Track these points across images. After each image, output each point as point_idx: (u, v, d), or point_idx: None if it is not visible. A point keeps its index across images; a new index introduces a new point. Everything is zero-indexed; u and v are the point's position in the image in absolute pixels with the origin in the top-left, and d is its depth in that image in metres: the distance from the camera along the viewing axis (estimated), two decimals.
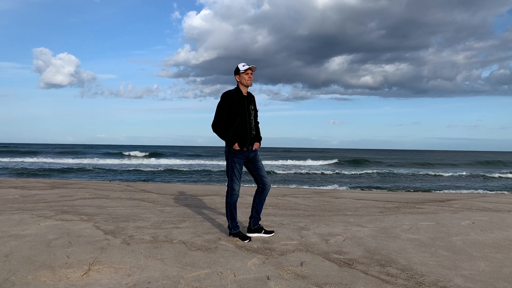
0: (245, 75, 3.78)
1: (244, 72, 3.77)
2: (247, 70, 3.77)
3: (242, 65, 3.78)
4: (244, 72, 3.77)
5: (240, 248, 3.50)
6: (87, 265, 2.92)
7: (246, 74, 3.78)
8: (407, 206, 6.64)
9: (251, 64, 3.79)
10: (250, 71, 3.79)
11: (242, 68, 3.77)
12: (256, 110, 3.98)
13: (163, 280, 2.65)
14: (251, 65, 3.78)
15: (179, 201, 6.67)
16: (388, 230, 4.43)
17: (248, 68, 3.76)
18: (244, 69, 3.76)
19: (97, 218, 4.72)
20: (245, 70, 3.77)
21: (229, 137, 3.76)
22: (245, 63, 3.80)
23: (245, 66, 3.77)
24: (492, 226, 4.81)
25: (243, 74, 3.77)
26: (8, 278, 2.62)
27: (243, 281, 2.66)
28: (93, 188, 8.62)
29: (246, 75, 3.78)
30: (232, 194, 3.84)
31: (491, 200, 8.03)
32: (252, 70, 3.80)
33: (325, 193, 8.89)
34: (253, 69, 3.80)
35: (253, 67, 3.79)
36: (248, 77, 3.78)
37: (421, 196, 8.85)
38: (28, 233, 3.84)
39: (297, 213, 5.63)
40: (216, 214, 5.31)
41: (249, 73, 3.78)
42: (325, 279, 2.74)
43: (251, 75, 3.80)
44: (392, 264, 3.13)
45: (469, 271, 2.99)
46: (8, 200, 6.39)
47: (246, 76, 3.78)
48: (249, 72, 3.79)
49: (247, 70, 3.77)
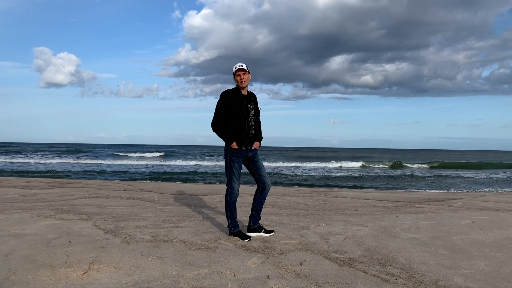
0: (236, 76, 3.75)
1: (234, 73, 3.76)
2: (237, 71, 3.73)
3: (235, 67, 3.76)
4: (234, 73, 3.76)
5: (240, 247, 3.50)
6: (87, 264, 2.92)
7: (237, 76, 3.75)
8: (407, 205, 6.65)
9: (252, 65, 3.78)
10: (242, 72, 3.73)
11: (233, 69, 3.76)
12: (257, 109, 3.94)
13: (163, 279, 2.65)
14: (242, 65, 3.73)
15: (179, 200, 6.67)
16: (388, 229, 4.43)
17: (237, 69, 3.73)
18: (234, 71, 3.75)
19: (97, 217, 4.72)
20: (235, 72, 3.75)
21: (227, 136, 3.75)
22: (242, 63, 3.76)
23: (236, 67, 3.74)
24: (492, 225, 4.81)
25: (235, 75, 3.76)
26: (8, 278, 2.62)
27: (243, 280, 2.66)
28: (93, 187, 8.62)
29: (238, 77, 3.74)
30: (232, 193, 3.83)
31: (491, 199, 8.04)
32: (241, 71, 3.71)
33: (325, 193, 8.89)
34: (242, 69, 3.70)
35: (241, 67, 3.71)
36: (240, 78, 3.73)
37: (421, 196, 8.85)
38: (28, 232, 3.84)
39: (297, 212, 5.63)
40: (216, 214, 5.31)
41: (240, 74, 3.73)
42: (325, 278, 2.74)
43: (242, 76, 3.73)
44: (392, 263, 3.13)
45: (469, 270, 2.99)
46: (8, 199, 6.39)
47: (237, 78, 3.75)
48: (240, 73, 3.73)
49: (237, 71, 3.73)
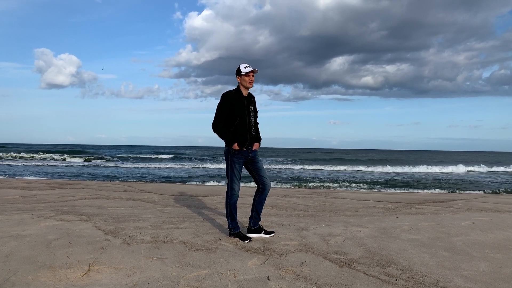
0: (246, 77, 3.74)
1: (245, 74, 3.74)
2: (249, 72, 3.73)
3: (244, 67, 3.74)
4: (245, 74, 3.74)
5: (240, 248, 3.50)
6: (87, 265, 2.92)
7: (247, 76, 3.74)
8: (407, 206, 6.64)
9: (253, 66, 3.75)
10: (252, 74, 3.75)
11: (244, 70, 3.73)
12: (256, 111, 3.96)
13: (163, 280, 2.65)
14: (253, 68, 3.74)
15: (179, 202, 6.67)
16: (388, 230, 4.43)
17: (250, 70, 3.72)
18: (246, 71, 3.72)
19: (97, 219, 4.72)
20: (247, 73, 3.73)
21: (228, 137, 3.75)
22: (248, 64, 3.76)
23: (248, 68, 3.73)
24: (492, 226, 4.81)
25: (245, 76, 3.74)
26: (8, 278, 2.62)
27: (243, 282, 2.66)
28: (93, 188, 8.62)
29: (248, 77, 3.74)
30: (232, 194, 3.83)
31: (491, 200, 8.03)
32: (254, 72, 3.76)
33: (325, 194, 8.89)
34: (255, 71, 3.76)
35: (255, 70, 3.75)
36: (249, 80, 3.74)
37: (421, 197, 8.85)
38: (28, 234, 3.84)
39: (297, 213, 5.63)
40: (216, 215, 5.31)
41: (250, 75, 3.74)
42: (325, 279, 2.74)
43: (252, 77, 3.75)
44: (392, 264, 3.13)
45: (469, 272, 2.99)
46: (8, 200, 6.39)
47: (247, 78, 3.74)
48: (251, 75, 3.74)
49: (249, 72, 3.73)
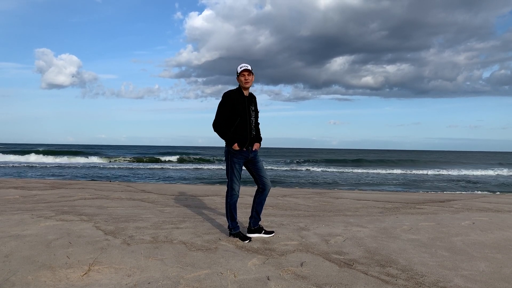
0: (242, 77, 3.75)
1: (240, 74, 3.75)
2: (242, 71, 3.73)
3: (240, 67, 3.76)
4: (240, 74, 3.75)
5: (240, 248, 3.50)
6: (87, 265, 2.92)
7: (242, 76, 3.75)
8: (407, 206, 6.64)
9: (253, 66, 3.75)
10: (247, 73, 3.74)
11: (238, 69, 3.76)
12: (257, 111, 3.96)
13: (163, 280, 2.65)
14: (246, 66, 3.72)
15: (179, 202, 6.67)
16: (388, 230, 4.43)
17: (242, 69, 3.73)
18: (239, 71, 3.74)
19: (97, 219, 4.72)
20: (240, 72, 3.74)
21: (229, 136, 3.75)
22: (246, 63, 3.76)
23: (242, 67, 3.74)
24: (492, 226, 4.81)
25: (240, 76, 3.76)
26: (8, 278, 2.62)
27: (243, 282, 2.66)
28: (93, 188, 8.62)
29: (243, 77, 3.74)
30: (232, 194, 3.83)
31: (491, 200, 8.03)
32: (247, 71, 3.72)
33: (325, 194, 8.89)
34: (248, 69, 3.71)
35: (247, 67, 3.71)
36: (245, 79, 3.74)
37: (421, 197, 8.84)
38: (28, 234, 3.84)
39: (297, 213, 5.63)
40: (216, 215, 5.31)
41: (245, 74, 3.73)
42: (325, 279, 2.74)
43: (247, 76, 3.74)
44: (392, 264, 3.13)
45: (469, 272, 2.99)
46: (8, 200, 6.39)
47: (242, 78, 3.75)
48: (246, 74, 3.74)
49: (242, 71, 3.73)
